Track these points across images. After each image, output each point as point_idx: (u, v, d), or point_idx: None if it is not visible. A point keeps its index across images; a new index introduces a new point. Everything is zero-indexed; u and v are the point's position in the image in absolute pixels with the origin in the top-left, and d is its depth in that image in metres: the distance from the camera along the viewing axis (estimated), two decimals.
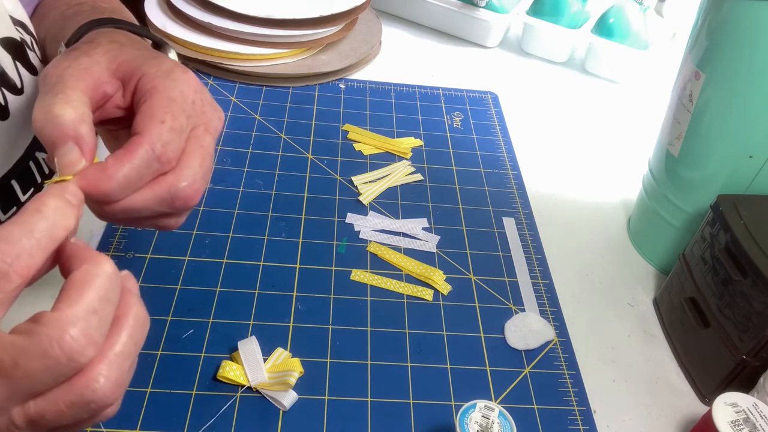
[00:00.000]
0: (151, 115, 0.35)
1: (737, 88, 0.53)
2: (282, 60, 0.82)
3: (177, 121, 0.35)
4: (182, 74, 0.37)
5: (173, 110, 0.35)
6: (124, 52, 0.38)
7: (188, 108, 0.36)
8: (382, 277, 0.59)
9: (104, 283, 0.29)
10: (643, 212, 0.68)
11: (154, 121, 0.34)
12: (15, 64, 0.47)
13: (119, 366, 0.29)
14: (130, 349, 0.29)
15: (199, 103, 0.38)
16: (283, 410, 0.48)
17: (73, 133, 0.33)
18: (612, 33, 0.91)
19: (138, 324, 0.30)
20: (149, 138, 0.34)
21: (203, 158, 0.37)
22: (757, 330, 0.49)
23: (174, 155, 0.35)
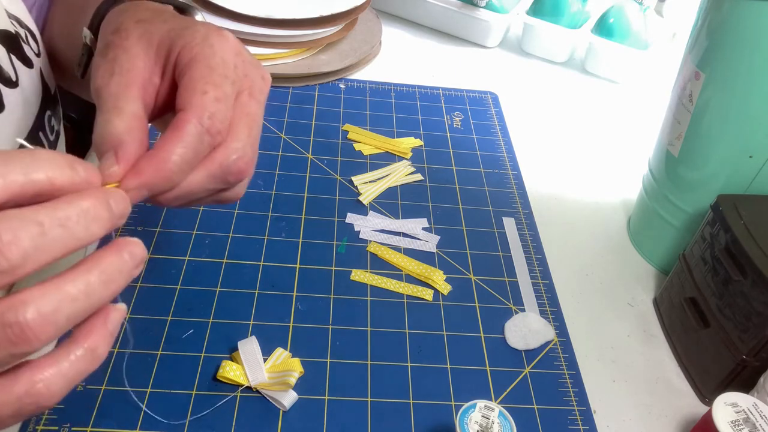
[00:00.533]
0: (193, 87, 0.33)
1: (737, 88, 0.53)
2: (282, 60, 0.82)
3: (220, 90, 0.34)
4: (218, 38, 0.35)
5: (214, 79, 0.34)
6: (156, 29, 0.36)
7: (230, 74, 0.35)
8: (382, 277, 0.59)
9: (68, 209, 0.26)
10: (643, 212, 0.68)
11: (196, 93, 0.33)
12: (9, 57, 0.47)
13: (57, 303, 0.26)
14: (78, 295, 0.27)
15: (241, 66, 0.36)
16: (283, 410, 0.48)
17: (115, 142, 0.32)
18: (612, 33, 0.91)
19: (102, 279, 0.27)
20: (194, 112, 0.32)
21: (250, 127, 0.35)
22: (757, 330, 0.49)
23: (223, 126, 0.33)
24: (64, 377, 0.27)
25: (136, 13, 0.38)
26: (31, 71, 0.49)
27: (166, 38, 0.35)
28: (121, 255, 0.28)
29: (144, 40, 0.35)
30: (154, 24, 0.36)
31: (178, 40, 0.35)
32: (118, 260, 0.28)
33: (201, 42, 0.35)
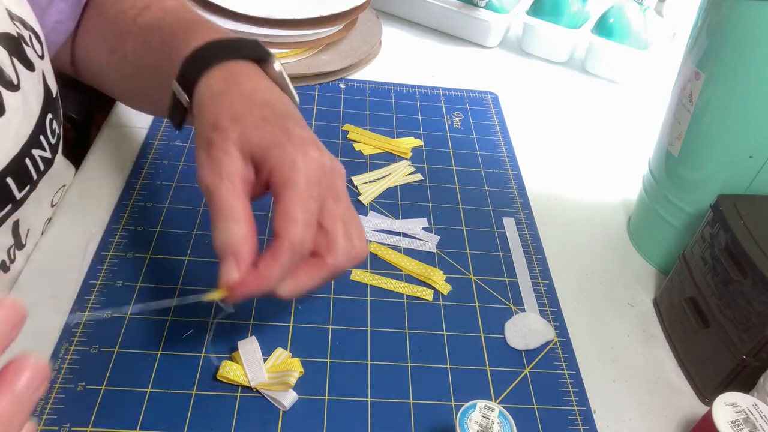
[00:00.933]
0: (286, 216, 0.39)
1: (737, 88, 0.53)
2: (282, 60, 0.82)
3: (309, 214, 0.40)
4: (304, 159, 0.40)
5: (303, 205, 0.39)
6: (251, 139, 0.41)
7: (315, 192, 0.40)
8: (382, 277, 0.59)
9: None
10: (643, 212, 0.68)
11: (289, 223, 0.39)
12: (11, 60, 0.47)
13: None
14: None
15: (324, 180, 0.41)
16: (283, 410, 0.48)
17: (235, 249, 0.39)
18: (612, 33, 0.91)
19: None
20: (289, 241, 0.39)
21: (345, 229, 0.42)
22: (757, 330, 0.49)
23: (311, 243, 0.40)
24: None
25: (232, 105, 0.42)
26: (33, 74, 0.49)
27: (259, 148, 0.41)
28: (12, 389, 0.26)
29: (239, 145, 0.41)
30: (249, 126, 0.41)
31: (270, 159, 0.40)
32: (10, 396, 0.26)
33: (290, 167, 0.40)
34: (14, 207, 0.49)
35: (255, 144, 0.41)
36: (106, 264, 0.56)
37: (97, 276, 0.55)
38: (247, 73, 0.45)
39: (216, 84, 0.44)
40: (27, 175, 0.49)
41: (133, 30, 0.54)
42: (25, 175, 0.49)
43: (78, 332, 0.51)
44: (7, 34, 0.47)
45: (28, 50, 0.49)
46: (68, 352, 0.49)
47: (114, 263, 0.56)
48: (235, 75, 0.45)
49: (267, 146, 0.41)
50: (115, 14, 0.56)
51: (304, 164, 0.40)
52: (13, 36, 0.47)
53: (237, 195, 0.40)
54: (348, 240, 0.42)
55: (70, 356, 0.49)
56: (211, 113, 0.43)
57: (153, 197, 0.63)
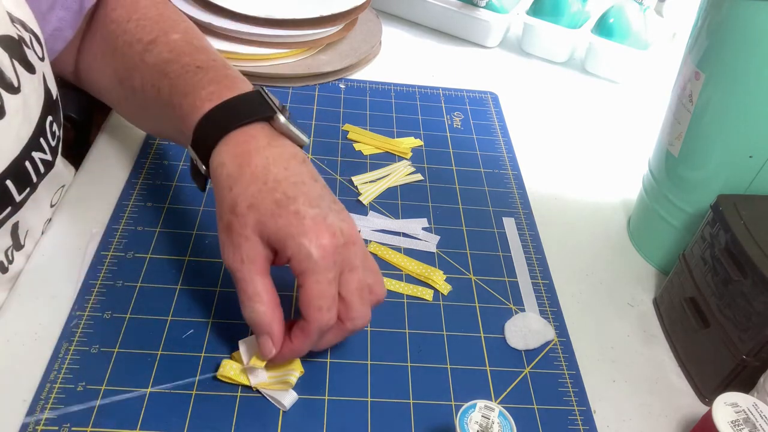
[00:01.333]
0: (310, 303, 0.44)
1: (737, 88, 0.53)
2: (282, 60, 0.82)
3: (329, 298, 0.44)
4: (317, 248, 0.43)
5: (323, 291, 0.44)
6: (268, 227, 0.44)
7: (332, 273, 0.44)
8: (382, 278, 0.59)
9: None
10: (643, 212, 0.68)
11: (312, 310, 0.44)
12: (12, 63, 0.47)
13: None
14: None
15: (339, 258, 0.44)
16: (283, 410, 0.48)
17: (267, 329, 0.45)
18: (612, 33, 0.91)
19: None
20: (316, 325, 0.44)
21: (360, 295, 0.46)
22: (757, 330, 0.49)
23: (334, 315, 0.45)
24: None
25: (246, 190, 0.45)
26: (33, 77, 0.49)
27: (275, 239, 0.44)
28: None
29: (258, 232, 0.45)
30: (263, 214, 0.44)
31: (287, 250, 0.44)
32: None
33: (306, 258, 0.43)
34: (14, 209, 0.49)
35: (272, 233, 0.44)
36: (106, 264, 0.56)
37: (97, 276, 0.55)
38: (257, 145, 0.47)
39: (230, 163, 0.47)
40: (27, 178, 0.49)
41: (141, 68, 0.55)
42: (25, 177, 0.49)
43: (78, 332, 0.51)
44: (7, 37, 0.47)
45: (29, 52, 0.49)
46: (68, 352, 0.49)
47: (114, 263, 0.56)
48: (245, 150, 0.47)
49: (283, 237, 0.44)
50: (122, 46, 0.57)
51: (318, 253, 0.43)
52: (14, 38, 0.47)
53: (259, 273, 0.45)
54: (363, 304, 0.46)
55: (70, 356, 0.49)
56: (229, 198, 0.46)
57: (153, 197, 0.63)
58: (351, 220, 0.47)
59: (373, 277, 0.48)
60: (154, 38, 0.56)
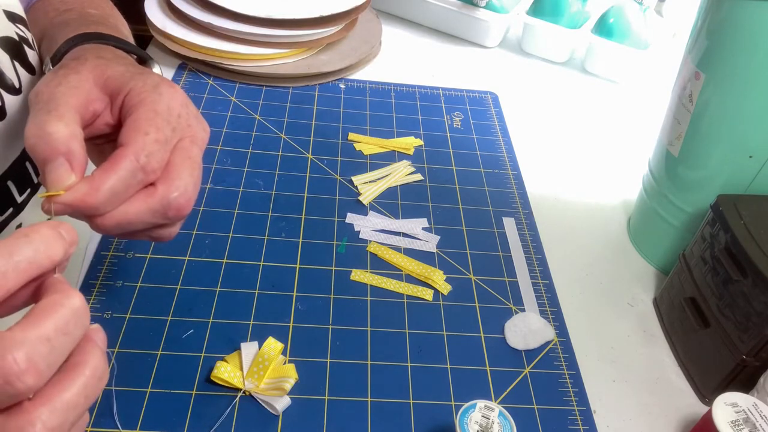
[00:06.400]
0: (136, 127, 0.36)
1: (737, 89, 0.53)
2: (282, 60, 0.82)
3: (161, 133, 0.36)
4: (168, 88, 0.38)
5: (158, 123, 0.36)
6: (111, 67, 0.38)
7: (173, 121, 0.37)
8: (382, 277, 0.59)
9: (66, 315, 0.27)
10: (643, 212, 0.68)
11: (138, 133, 0.35)
12: (13, 64, 0.47)
13: (63, 415, 0.26)
14: (79, 400, 0.27)
15: (185, 117, 0.39)
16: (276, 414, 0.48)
17: (64, 149, 0.34)
18: (612, 33, 0.91)
19: (94, 377, 0.28)
20: (134, 149, 0.35)
21: (192, 168, 0.38)
22: (757, 330, 0.49)
23: (158, 165, 0.36)
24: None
25: (99, 51, 0.40)
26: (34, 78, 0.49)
27: (120, 77, 0.38)
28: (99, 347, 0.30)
29: (98, 70, 0.38)
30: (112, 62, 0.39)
31: (131, 82, 0.37)
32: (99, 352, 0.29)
33: (151, 88, 0.37)
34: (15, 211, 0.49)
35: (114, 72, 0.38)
36: (106, 264, 0.56)
37: (97, 276, 0.55)
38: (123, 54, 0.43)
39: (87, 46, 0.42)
40: (28, 179, 0.49)
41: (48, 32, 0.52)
42: (26, 178, 0.49)
43: None
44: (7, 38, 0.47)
45: (30, 53, 0.49)
46: None
47: (114, 263, 0.56)
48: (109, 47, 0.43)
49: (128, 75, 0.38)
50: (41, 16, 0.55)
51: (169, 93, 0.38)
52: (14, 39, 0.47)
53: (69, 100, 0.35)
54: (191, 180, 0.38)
55: None
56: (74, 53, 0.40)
57: None
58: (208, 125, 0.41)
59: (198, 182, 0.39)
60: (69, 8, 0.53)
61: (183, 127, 0.38)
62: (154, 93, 0.37)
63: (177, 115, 0.38)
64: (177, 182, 0.37)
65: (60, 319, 0.27)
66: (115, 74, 0.38)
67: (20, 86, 0.47)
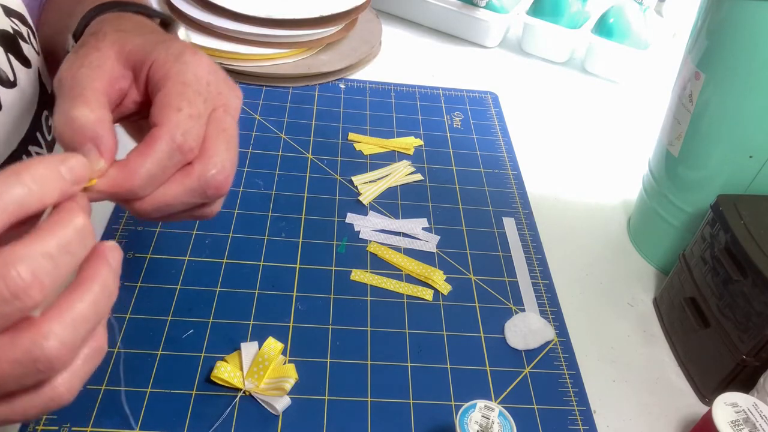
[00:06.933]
0: (167, 103, 0.34)
1: (737, 88, 0.53)
2: (282, 60, 0.82)
3: (194, 107, 0.34)
4: (193, 56, 0.36)
5: (188, 96, 0.34)
6: (130, 40, 0.36)
7: (204, 91, 0.35)
8: (382, 277, 0.59)
9: (69, 233, 0.27)
10: (643, 212, 0.68)
11: (170, 110, 0.33)
12: (8, 57, 0.47)
13: (74, 329, 0.26)
14: (89, 315, 0.27)
15: (215, 84, 0.36)
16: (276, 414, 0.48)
17: (91, 134, 0.33)
18: (612, 33, 0.91)
19: (104, 293, 0.28)
20: (168, 128, 0.33)
21: (228, 142, 0.36)
22: (757, 330, 0.49)
23: (195, 143, 0.34)
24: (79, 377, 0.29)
25: (119, 22, 0.38)
26: (29, 71, 0.49)
27: (140, 49, 0.36)
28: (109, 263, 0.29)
29: (118, 45, 0.36)
30: (132, 34, 0.37)
31: (152, 54, 0.35)
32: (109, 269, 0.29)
33: (174, 58, 0.35)
34: None
35: (135, 45, 0.36)
36: None
37: None
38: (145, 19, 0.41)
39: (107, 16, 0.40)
40: None
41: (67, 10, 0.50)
42: None
43: None
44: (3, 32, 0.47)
45: (26, 47, 0.49)
46: None
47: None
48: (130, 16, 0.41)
49: (150, 45, 0.36)
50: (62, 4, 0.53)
51: (194, 60, 0.35)
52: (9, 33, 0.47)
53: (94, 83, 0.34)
54: (228, 155, 0.36)
55: None
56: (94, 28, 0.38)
57: None
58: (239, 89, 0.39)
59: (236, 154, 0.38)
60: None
61: (214, 96, 0.36)
62: (178, 63, 0.35)
63: (206, 84, 0.36)
64: (214, 159, 0.35)
65: (63, 238, 0.27)
66: (136, 47, 0.36)
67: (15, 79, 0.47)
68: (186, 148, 0.34)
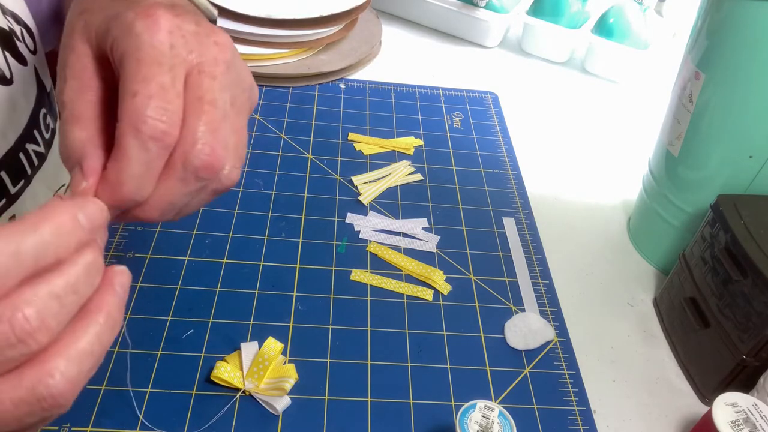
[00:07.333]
0: (123, 90, 0.29)
1: (737, 88, 0.53)
2: (282, 60, 0.82)
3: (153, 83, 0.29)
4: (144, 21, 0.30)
5: (143, 73, 0.29)
6: (92, 24, 0.32)
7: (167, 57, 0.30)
8: (382, 277, 0.59)
9: (77, 272, 0.26)
10: (643, 212, 0.68)
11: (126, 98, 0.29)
12: (4, 54, 0.47)
13: (79, 364, 0.26)
14: (94, 348, 0.27)
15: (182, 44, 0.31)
16: (276, 414, 0.48)
17: (78, 155, 0.30)
18: (612, 33, 0.91)
19: (108, 325, 0.28)
20: (128, 120, 0.29)
21: (203, 111, 0.31)
22: (757, 330, 0.49)
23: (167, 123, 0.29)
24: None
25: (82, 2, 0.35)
26: (25, 68, 0.49)
27: (102, 30, 0.32)
28: (116, 292, 0.29)
29: (84, 35, 0.33)
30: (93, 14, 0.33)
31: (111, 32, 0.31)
32: (116, 299, 0.29)
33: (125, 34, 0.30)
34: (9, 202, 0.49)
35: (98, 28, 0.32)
36: (106, 264, 0.56)
37: None
38: None
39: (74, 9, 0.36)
40: (21, 170, 0.49)
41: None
42: (19, 169, 0.49)
43: None
44: None
45: (20, 45, 0.49)
46: None
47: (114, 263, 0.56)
48: None
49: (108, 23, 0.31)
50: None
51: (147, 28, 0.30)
52: (6, 30, 0.47)
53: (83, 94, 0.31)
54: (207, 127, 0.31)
55: None
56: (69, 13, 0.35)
57: None
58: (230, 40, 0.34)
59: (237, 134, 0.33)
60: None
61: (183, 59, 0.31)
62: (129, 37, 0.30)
63: (170, 47, 0.30)
64: (190, 137, 0.30)
65: (71, 276, 0.26)
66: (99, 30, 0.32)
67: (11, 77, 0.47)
68: (158, 133, 0.29)
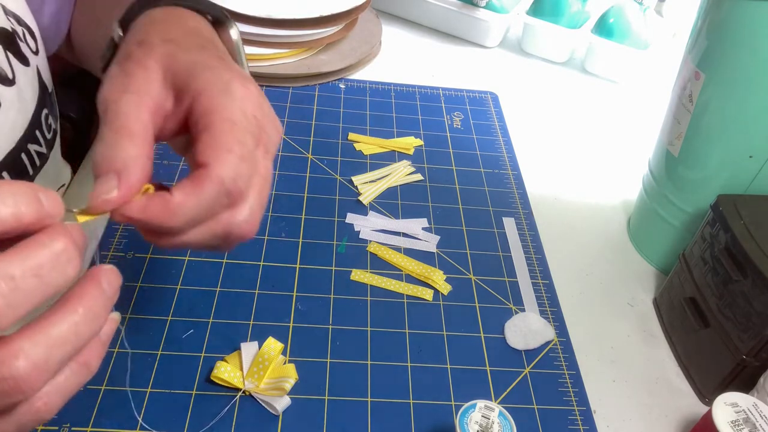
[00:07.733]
0: (217, 144, 0.31)
1: (737, 88, 0.53)
2: (282, 60, 0.82)
3: (245, 147, 0.32)
4: (241, 88, 0.33)
5: (238, 135, 0.32)
6: (179, 57, 0.34)
7: (252, 128, 0.33)
8: (382, 277, 0.59)
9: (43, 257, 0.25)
10: (643, 212, 0.68)
11: (221, 151, 0.31)
12: (6, 55, 0.47)
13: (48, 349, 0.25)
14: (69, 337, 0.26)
15: (260, 118, 0.34)
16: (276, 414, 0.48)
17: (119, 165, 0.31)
18: (612, 33, 0.91)
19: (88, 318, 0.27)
20: (219, 171, 0.31)
21: (262, 187, 0.34)
22: (757, 330, 0.49)
23: (245, 186, 0.32)
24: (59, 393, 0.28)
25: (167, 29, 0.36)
26: (27, 69, 0.49)
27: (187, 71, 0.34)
28: (100, 287, 0.28)
29: (165, 61, 0.34)
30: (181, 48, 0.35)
31: (199, 80, 0.33)
32: (99, 293, 0.28)
33: (222, 92, 0.33)
34: None
35: (182, 65, 0.34)
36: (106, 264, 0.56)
37: None
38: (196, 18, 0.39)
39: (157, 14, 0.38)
40: (23, 170, 0.49)
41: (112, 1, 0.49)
42: (21, 169, 0.49)
43: None
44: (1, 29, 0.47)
45: (22, 46, 0.49)
46: None
47: (114, 263, 0.56)
48: (181, 13, 0.39)
49: (197, 70, 0.33)
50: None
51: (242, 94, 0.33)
52: (8, 31, 0.47)
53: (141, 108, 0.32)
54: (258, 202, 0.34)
55: None
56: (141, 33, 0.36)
57: None
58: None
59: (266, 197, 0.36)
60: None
61: (258, 133, 0.34)
62: (225, 96, 0.33)
63: (252, 118, 0.33)
64: (243, 207, 0.33)
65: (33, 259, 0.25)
66: (183, 68, 0.34)
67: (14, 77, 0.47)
68: (236, 192, 0.32)
